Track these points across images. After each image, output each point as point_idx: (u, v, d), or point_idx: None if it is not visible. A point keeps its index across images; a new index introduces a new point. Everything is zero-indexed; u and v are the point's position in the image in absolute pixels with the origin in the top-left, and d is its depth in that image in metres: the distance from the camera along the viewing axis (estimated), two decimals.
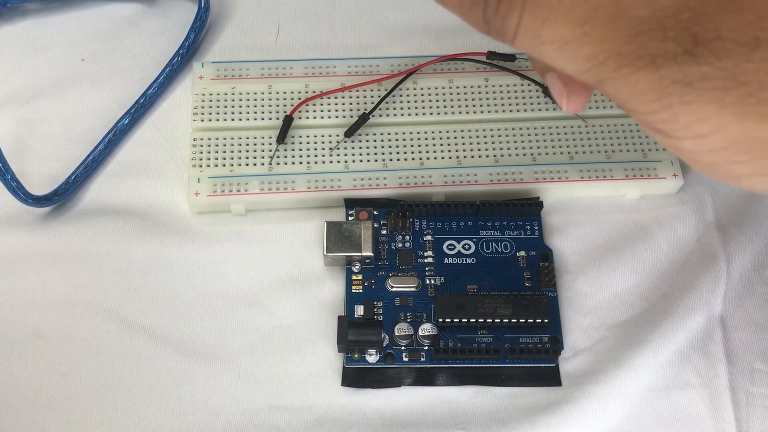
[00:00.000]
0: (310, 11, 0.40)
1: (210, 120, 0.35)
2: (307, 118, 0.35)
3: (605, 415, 0.30)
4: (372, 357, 0.31)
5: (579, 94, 0.22)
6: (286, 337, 0.32)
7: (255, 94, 0.36)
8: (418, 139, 0.35)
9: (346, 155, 0.35)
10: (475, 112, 0.35)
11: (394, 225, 0.33)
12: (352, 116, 0.35)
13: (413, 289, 0.32)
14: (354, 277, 0.32)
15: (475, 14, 0.19)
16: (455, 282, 0.32)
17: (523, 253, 0.33)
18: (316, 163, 0.34)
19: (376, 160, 0.34)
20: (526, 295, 0.31)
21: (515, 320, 0.31)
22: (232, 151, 0.34)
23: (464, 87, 0.36)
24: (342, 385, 0.31)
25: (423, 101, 0.36)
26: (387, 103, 0.36)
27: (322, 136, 0.35)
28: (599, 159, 0.34)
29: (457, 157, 0.34)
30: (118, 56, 0.38)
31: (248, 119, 0.35)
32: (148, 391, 0.31)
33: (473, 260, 0.33)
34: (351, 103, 0.36)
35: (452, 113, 0.35)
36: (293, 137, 0.35)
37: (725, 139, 0.17)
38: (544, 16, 0.18)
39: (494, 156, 0.35)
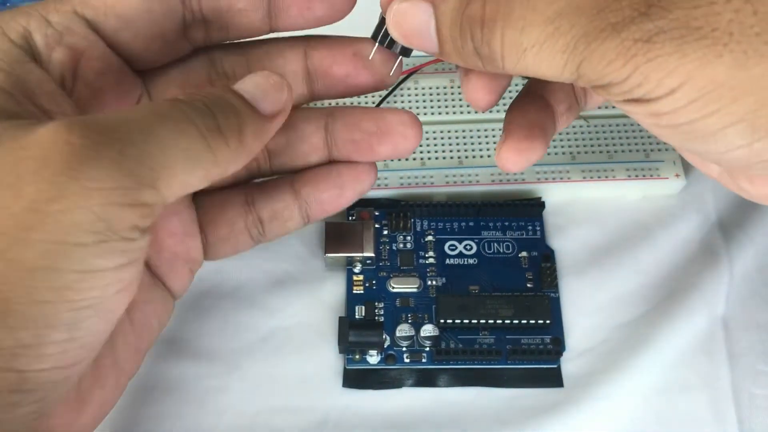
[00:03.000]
0: None
1: None
2: None
3: (607, 416, 0.30)
4: (373, 358, 0.31)
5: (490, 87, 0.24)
6: (287, 338, 0.32)
7: None
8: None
9: None
10: (476, 112, 0.35)
11: (395, 225, 0.33)
12: None
13: (414, 290, 0.32)
14: (355, 278, 0.32)
15: (469, 53, 0.21)
16: (457, 283, 0.32)
17: (524, 253, 0.33)
18: None
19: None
20: (527, 296, 0.31)
21: (517, 321, 0.31)
22: None
23: None
24: (343, 386, 0.31)
25: (424, 101, 0.36)
26: (388, 102, 0.35)
27: None
28: (601, 159, 0.34)
29: (459, 158, 0.34)
30: None
31: None
32: (147, 392, 0.31)
33: (475, 261, 0.33)
34: (351, 103, 0.36)
35: (453, 113, 0.35)
36: None
37: (694, 88, 0.18)
38: (520, 27, 0.20)
39: None
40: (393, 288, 0.32)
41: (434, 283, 0.32)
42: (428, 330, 0.31)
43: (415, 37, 0.23)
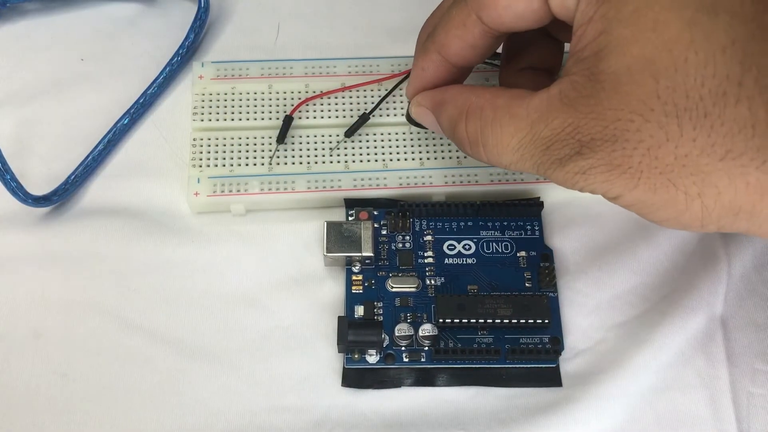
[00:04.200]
0: (310, 11, 0.40)
1: (210, 120, 0.35)
2: (307, 118, 0.35)
3: (606, 415, 0.30)
4: (372, 357, 0.31)
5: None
6: (286, 338, 0.32)
7: (255, 93, 0.36)
8: (419, 139, 0.35)
9: (346, 155, 0.35)
10: None
11: (395, 225, 0.33)
12: (352, 116, 0.35)
13: (413, 290, 0.32)
14: (354, 278, 0.32)
15: (475, 154, 0.27)
16: (455, 282, 0.32)
17: (523, 253, 0.33)
18: (316, 163, 0.34)
19: (376, 161, 0.34)
20: (526, 296, 0.31)
21: (516, 321, 0.31)
22: (232, 151, 0.34)
23: None
24: (342, 385, 0.31)
25: None
26: (387, 103, 0.36)
27: (322, 136, 0.35)
28: None
29: (458, 158, 0.34)
30: (118, 56, 0.38)
31: (248, 119, 0.35)
32: (147, 392, 0.31)
33: (473, 260, 0.33)
34: (351, 103, 0.36)
35: None
36: (293, 137, 0.35)
37: (629, 200, 0.24)
38: (496, 153, 0.26)
39: None
40: (392, 287, 0.32)
41: (433, 282, 0.32)
42: (427, 329, 0.31)
43: (430, 127, 0.30)
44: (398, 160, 0.34)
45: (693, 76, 0.21)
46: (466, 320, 0.31)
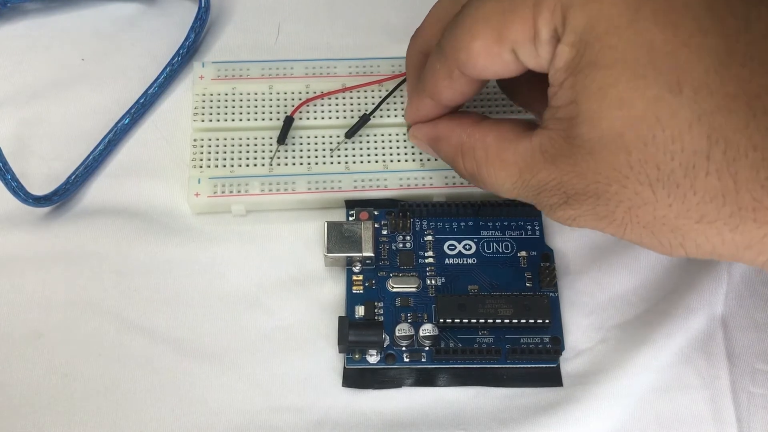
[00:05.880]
0: (311, 11, 0.40)
1: (210, 120, 0.35)
2: (308, 118, 0.35)
3: (606, 415, 0.30)
4: (373, 358, 0.31)
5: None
6: (287, 338, 0.32)
7: (255, 94, 0.36)
8: None
9: (346, 156, 0.35)
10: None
11: (395, 225, 0.33)
12: (352, 117, 0.35)
13: (414, 290, 0.32)
14: (354, 278, 0.32)
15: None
16: (456, 282, 0.32)
17: (524, 253, 0.33)
18: (316, 164, 0.34)
19: (376, 161, 0.34)
20: (527, 296, 0.31)
21: (516, 321, 0.31)
22: (233, 152, 0.34)
23: None
24: (343, 385, 0.31)
25: None
26: (388, 103, 0.36)
27: (323, 136, 0.35)
28: None
29: None
30: (118, 56, 0.38)
31: (249, 120, 0.35)
32: (148, 392, 0.31)
33: (474, 260, 0.33)
34: (352, 104, 0.36)
35: None
36: (294, 138, 0.35)
37: (620, 238, 0.25)
38: (497, 186, 0.27)
39: None
40: (392, 288, 0.32)
41: (433, 282, 0.32)
42: (428, 329, 0.31)
43: (431, 155, 0.32)
44: (399, 161, 0.34)
45: (662, 151, 0.22)
46: (466, 320, 0.31)
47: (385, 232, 0.33)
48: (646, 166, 0.22)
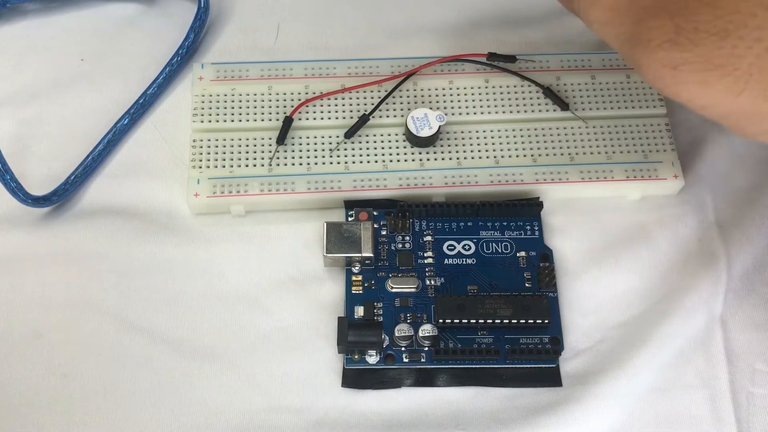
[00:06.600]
0: (310, 12, 0.40)
1: (210, 121, 0.35)
2: (307, 119, 0.35)
3: (606, 415, 0.30)
4: (372, 358, 0.31)
5: None
6: (286, 338, 0.32)
7: (255, 95, 0.36)
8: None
9: (346, 156, 0.35)
10: (475, 113, 0.35)
11: (394, 226, 0.33)
12: (352, 117, 0.35)
13: (413, 290, 0.32)
14: (354, 278, 0.32)
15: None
16: (455, 283, 0.32)
17: (523, 253, 0.33)
18: (316, 164, 0.34)
19: (376, 162, 0.34)
20: (526, 296, 0.31)
21: (515, 321, 0.31)
22: (232, 153, 0.34)
23: (464, 88, 0.36)
24: (342, 386, 0.31)
25: (423, 102, 0.36)
26: (387, 104, 0.36)
27: (322, 137, 0.35)
28: (600, 160, 0.34)
29: (458, 159, 0.34)
30: (118, 56, 0.38)
31: (248, 120, 0.35)
32: (148, 392, 0.31)
33: (473, 261, 0.33)
34: (351, 104, 0.36)
35: (452, 114, 0.35)
36: (293, 138, 0.35)
37: (721, 110, 0.20)
38: (591, 3, 0.23)
39: (494, 157, 0.35)
40: (392, 288, 0.32)
41: (433, 283, 0.32)
42: (427, 330, 0.31)
43: None
44: (398, 161, 0.34)
45: None
46: (466, 320, 0.31)
47: (384, 233, 0.33)
48: None
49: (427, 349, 0.31)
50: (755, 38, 0.19)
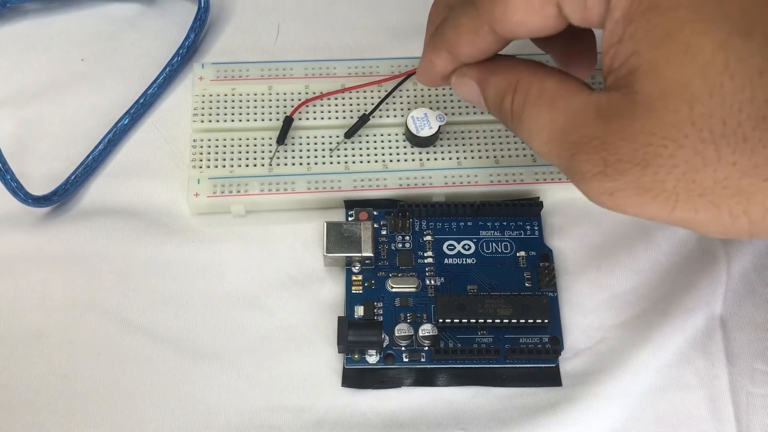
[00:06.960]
0: (310, 12, 0.40)
1: (210, 121, 0.35)
2: (307, 119, 0.35)
3: (605, 415, 0.30)
4: (372, 358, 0.31)
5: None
6: (286, 338, 0.32)
7: (255, 95, 0.36)
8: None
9: (346, 156, 0.35)
10: (475, 113, 0.35)
11: (394, 225, 0.33)
12: (352, 117, 0.35)
13: (413, 290, 0.32)
14: (354, 278, 0.32)
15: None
16: (455, 282, 0.32)
17: (523, 253, 0.33)
18: (316, 164, 0.34)
19: (376, 161, 0.34)
20: (526, 296, 0.31)
21: (515, 320, 0.31)
22: (232, 152, 0.34)
23: None
24: (342, 385, 0.31)
25: (423, 102, 0.36)
26: (387, 104, 0.36)
27: (322, 137, 0.35)
28: None
29: (458, 159, 0.34)
30: (118, 56, 0.38)
31: (248, 120, 0.35)
32: (148, 392, 0.31)
33: (473, 260, 0.33)
34: (351, 104, 0.36)
35: (452, 114, 0.35)
36: (293, 138, 0.35)
37: (664, 221, 0.22)
38: (531, 135, 0.25)
39: (494, 157, 0.35)
40: (392, 288, 0.32)
41: (433, 282, 0.32)
42: (427, 329, 0.31)
43: (470, 99, 0.28)
44: (398, 161, 0.34)
45: (729, 102, 0.20)
46: (465, 320, 0.31)
47: (384, 232, 0.33)
48: (710, 121, 0.20)
49: (427, 348, 0.31)
50: (671, 165, 0.21)
